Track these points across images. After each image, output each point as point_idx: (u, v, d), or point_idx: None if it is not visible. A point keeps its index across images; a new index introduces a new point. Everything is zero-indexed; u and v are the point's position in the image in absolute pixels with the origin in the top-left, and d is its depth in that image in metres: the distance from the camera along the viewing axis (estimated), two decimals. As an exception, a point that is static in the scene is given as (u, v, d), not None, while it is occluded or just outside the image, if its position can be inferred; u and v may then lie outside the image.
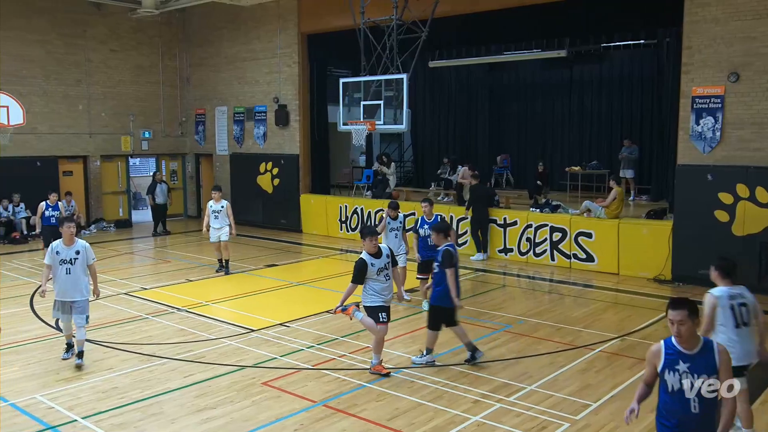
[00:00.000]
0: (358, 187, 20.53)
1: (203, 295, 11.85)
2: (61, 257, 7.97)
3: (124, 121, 21.16)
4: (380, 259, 7.69)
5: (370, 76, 15.27)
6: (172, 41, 22.15)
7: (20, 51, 18.70)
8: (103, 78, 20.56)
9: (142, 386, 7.50)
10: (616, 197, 13.56)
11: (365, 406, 6.92)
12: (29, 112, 17.31)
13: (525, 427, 6.38)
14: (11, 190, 18.31)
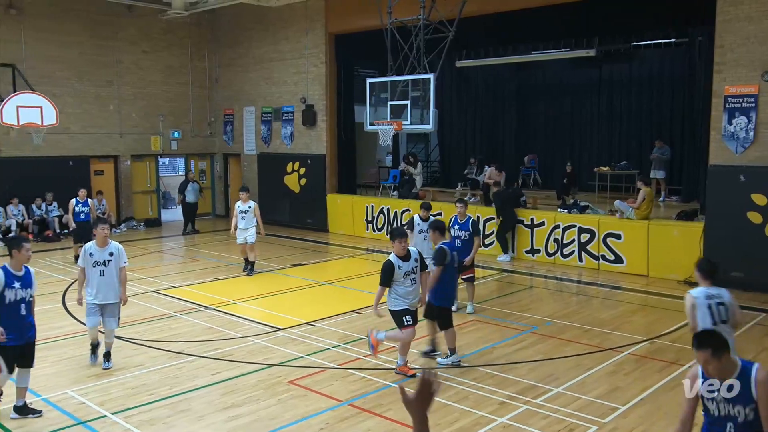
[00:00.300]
0: (385, 187, 20.52)
1: (231, 294, 11.95)
2: (94, 259, 7.87)
3: (154, 121, 21.43)
4: (408, 263, 7.54)
5: (397, 76, 15.25)
6: (201, 42, 22.38)
7: (54, 52, 19.05)
8: (133, 79, 20.85)
9: (170, 383, 7.59)
10: (646, 198, 13.38)
11: (390, 406, 6.91)
12: (62, 113, 17.62)
13: (552, 429, 6.33)
14: (44, 189, 18.67)
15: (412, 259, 7.61)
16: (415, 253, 7.72)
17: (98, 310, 7.92)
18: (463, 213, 10.54)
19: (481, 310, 10.72)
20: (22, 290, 6.52)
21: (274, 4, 19.16)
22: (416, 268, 7.62)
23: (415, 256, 7.67)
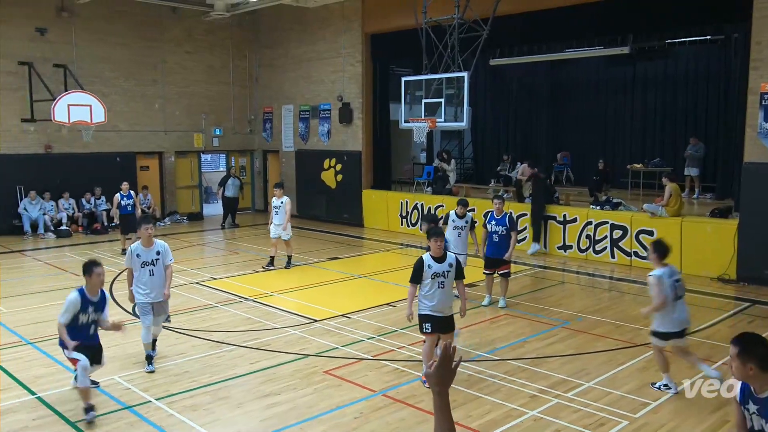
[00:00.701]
0: (419, 183, 20.49)
1: (269, 286, 12.07)
2: (142, 260, 7.70)
3: (196, 119, 21.73)
4: (440, 265, 7.03)
5: (432, 74, 15.21)
6: (242, 43, 22.60)
7: (103, 53, 19.45)
8: (177, 78, 21.16)
9: (211, 371, 7.71)
10: (672, 193, 13.12)
11: (423, 397, 6.92)
12: (110, 111, 17.99)
13: (582, 423, 6.26)
14: (93, 184, 19.10)
15: (447, 263, 7.06)
16: (453, 258, 7.19)
17: (151, 308, 7.78)
18: (500, 209, 10.41)
19: (513, 304, 10.64)
20: (94, 314, 6.60)
21: (312, 5, 19.25)
22: (448, 273, 7.04)
23: (451, 260, 7.13)
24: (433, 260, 7.04)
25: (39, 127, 18.16)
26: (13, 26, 17.78)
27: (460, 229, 10.45)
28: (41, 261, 14.83)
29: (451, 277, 7.08)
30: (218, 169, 26.02)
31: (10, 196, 18.02)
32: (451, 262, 7.09)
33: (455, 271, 7.10)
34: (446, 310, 7.11)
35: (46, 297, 11.28)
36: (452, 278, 7.10)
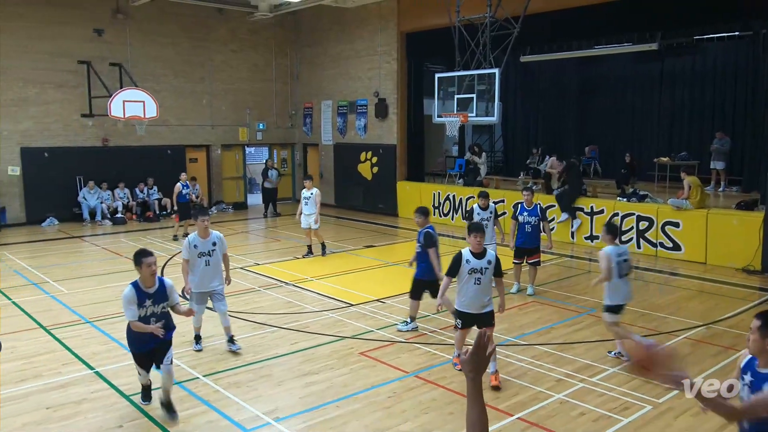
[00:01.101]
0: (451, 176, 20.38)
1: (308, 272, 12.16)
2: (199, 250, 7.53)
3: (241, 114, 21.95)
4: (478, 261, 6.64)
5: (464, 71, 15.10)
6: (284, 42, 22.71)
7: (156, 52, 19.75)
8: (223, 76, 21.38)
9: (254, 351, 7.81)
10: (692, 185, 12.82)
11: (453, 378, 6.91)
12: (161, 107, 18.27)
13: (607, 407, 6.18)
14: (146, 174, 19.46)
15: (485, 259, 6.67)
16: (492, 256, 6.76)
17: (204, 297, 7.69)
18: (530, 200, 10.36)
19: (541, 292, 10.54)
20: (154, 306, 5.89)
21: (351, 5, 19.23)
22: (486, 270, 6.65)
23: (491, 258, 6.71)
24: (471, 255, 6.69)
25: (97, 122, 18.56)
26: (73, 28, 18.16)
27: (486, 221, 10.30)
28: (98, 246, 15.20)
29: (488, 274, 6.69)
30: (261, 161, 26.26)
31: (71, 186, 18.49)
32: (490, 259, 6.71)
33: (494, 269, 6.74)
34: (480, 307, 6.73)
35: (102, 279, 11.57)
36: (490, 275, 6.72)
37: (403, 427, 5.81)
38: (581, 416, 6.01)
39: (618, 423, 5.86)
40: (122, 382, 6.85)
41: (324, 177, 22.22)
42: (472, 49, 15.00)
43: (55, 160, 18.10)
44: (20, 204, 17.90)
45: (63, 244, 15.40)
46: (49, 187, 18.05)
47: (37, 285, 11.18)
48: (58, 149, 18.19)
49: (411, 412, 6.12)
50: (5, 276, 11.86)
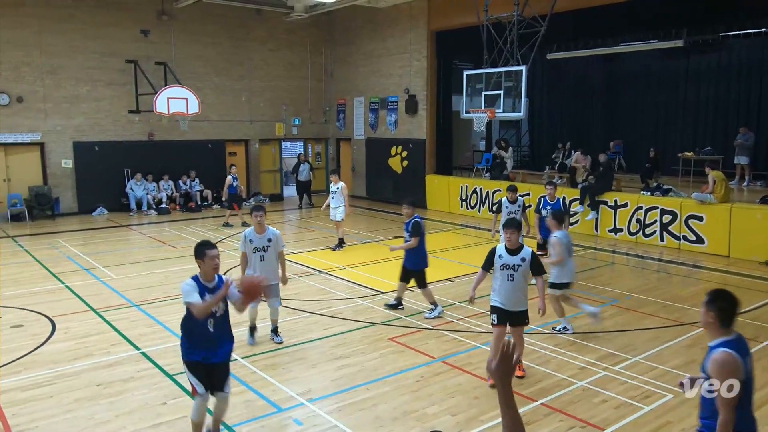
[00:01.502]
0: (478, 169, 20.25)
1: (341, 261, 12.22)
2: (254, 245, 7.30)
3: (278, 110, 22.09)
4: (512, 257, 6.23)
5: (492, 68, 14.95)
6: (318, 41, 22.76)
7: (198, 52, 19.98)
8: (261, 74, 21.53)
9: (289, 335, 7.89)
10: (716, 180, 12.50)
11: (479, 365, 6.89)
12: (203, 103, 18.48)
13: (629, 395, 6.10)
14: (188, 167, 19.75)
15: (519, 256, 6.24)
16: (528, 253, 6.28)
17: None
18: (553, 194, 10.36)
19: (564, 282, 10.41)
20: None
21: (383, 5, 19.17)
22: (519, 267, 6.21)
23: (526, 255, 6.25)
24: (505, 251, 6.28)
25: (143, 118, 18.88)
26: (122, 29, 18.47)
27: (514, 214, 10.26)
28: (144, 234, 15.49)
29: (522, 272, 6.22)
30: (296, 155, 26.41)
31: (119, 178, 18.87)
32: (524, 257, 6.23)
33: (529, 266, 6.25)
34: (514, 305, 6.26)
35: (148, 266, 11.81)
36: (524, 272, 6.24)
37: (429, 410, 5.82)
38: (603, 403, 5.94)
39: (639, 411, 5.77)
40: (166, 362, 6.98)
41: (356, 170, 22.27)
42: (499, 47, 14.84)
43: (105, 154, 18.48)
44: (73, 195, 18.34)
45: (112, 233, 15.74)
46: (99, 179, 18.45)
47: (88, 270, 11.46)
48: (107, 143, 18.56)
49: (438, 396, 6.12)
50: (59, 262, 12.18)
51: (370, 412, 5.79)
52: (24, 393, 6.21)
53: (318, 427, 5.53)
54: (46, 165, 17.89)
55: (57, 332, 8.04)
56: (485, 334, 7.86)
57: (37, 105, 17.42)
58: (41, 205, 17.46)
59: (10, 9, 16.72)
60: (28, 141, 17.50)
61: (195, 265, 5.15)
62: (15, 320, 8.51)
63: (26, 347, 7.47)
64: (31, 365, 6.93)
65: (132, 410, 5.83)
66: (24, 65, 17.12)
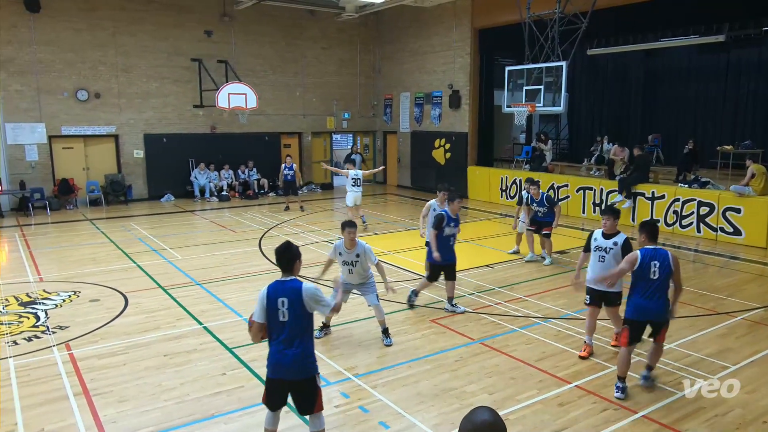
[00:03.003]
0: (518, 161, 19.93)
1: (387, 246, 12.25)
2: (343, 259, 6.87)
3: (329, 104, 22.22)
4: (605, 241, 6.33)
5: (533, 64, 14.64)
6: (367, 39, 22.73)
7: (256, 50, 20.24)
8: (314, 71, 21.67)
9: (337, 315, 7.94)
10: (755, 174, 11.93)
11: (516, 347, 6.83)
12: (261, 98, 18.77)
13: (662, 380, 5.94)
14: (247, 158, 20.10)
15: (612, 241, 6.30)
16: (623, 238, 6.29)
17: (347, 287, 6.92)
18: (537, 192, 10.58)
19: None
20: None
21: (429, 5, 18.99)
22: (610, 250, 6.27)
23: (619, 240, 6.29)
24: (601, 235, 6.40)
25: (206, 112, 19.29)
26: (187, 30, 18.87)
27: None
28: (207, 219, 15.88)
29: (613, 254, 6.25)
30: (346, 146, 26.58)
31: (184, 167, 19.37)
32: (617, 241, 6.28)
33: (621, 249, 6.22)
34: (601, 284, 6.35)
35: (210, 248, 12.10)
36: (615, 255, 6.23)
37: (468, 388, 5.80)
38: (636, 387, 5.80)
39: (672, 396, 5.61)
40: (226, 336, 7.17)
41: (401, 161, 22.23)
42: (540, 43, 14.50)
43: (172, 145, 18.98)
44: (143, 182, 18.94)
45: (178, 217, 16.19)
46: (167, 168, 18.99)
47: (156, 251, 11.84)
48: (174, 135, 19.06)
49: (476, 375, 6.10)
50: (131, 243, 12.63)
51: (412, 388, 5.81)
52: (100, 360, 6.49)
53: (363, 400, 5.59)
54: (120, 155, 18.52)
55: (129, 307, 8.36)
56: (522, 318, 7.78)
57: (112, 100, 18.01)
58: (116, 192, 18.12)
59: (87, 13, 17.30)
60: (104, 133, 18.14)
61: (253, 247, 5.18)
62: (93, 295, 8.88)
63: (102, 319, 7.80)
64: (107, 336, 7.23)
65: (195, 379, 6.02)
66: (101, 64, 17.71)
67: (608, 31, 16.63)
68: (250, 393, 5.70)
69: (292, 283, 4.37)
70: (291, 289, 4.32)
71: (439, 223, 7.96)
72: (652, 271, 5.50)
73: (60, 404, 5.49)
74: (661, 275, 5.50)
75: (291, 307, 4.28)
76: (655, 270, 5.50)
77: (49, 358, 6.54)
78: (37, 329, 7.43)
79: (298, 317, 4.29)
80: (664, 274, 5.51)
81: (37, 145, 17.08)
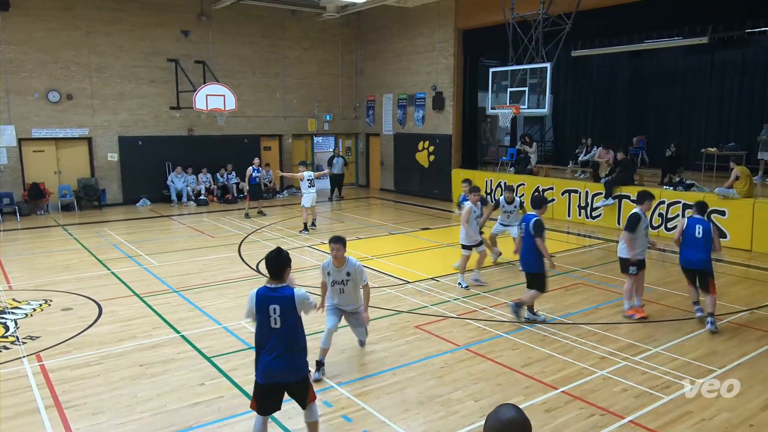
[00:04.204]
0: (503, 164, 20.07)
1: (370, 251, 12.24)
2: (332, 279, 6.37)
3: (310, 106, 22.18)
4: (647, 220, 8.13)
5: (517, 65, 14.76)
6: (349, 39, 22.75)
7: (235, 51, 20.15)
8: (295, 71, 21.62)
9: (319, 322, 7.87)
10: (740, 176, 12.15)
11: (502, 353, 6.86)
12: (240, 100, 18.68)
13: (649, 384, 6.00)
14: (225, 160, 19.98)
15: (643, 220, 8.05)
16: (646, 220, 8.11)
17: (338, 312, 6.53)
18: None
19: (587, 275, 10.30)
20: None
21: (411, 5, 19.06)
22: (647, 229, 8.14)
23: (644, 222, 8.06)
24: (645, 215, 8.06)
25: (183, 114, 19.14)
26: (164, 29, 18.72)
27: (509, 213, 10.88)
28: (184, 224, 15.74)
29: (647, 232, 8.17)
30: (328, 149, 26.53)
31: (161, 171, 19.19)
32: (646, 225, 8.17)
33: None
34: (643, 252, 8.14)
35: (188, 254, 12.00)
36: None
37: (454, 395, 5.81)
38: (623, 392, 5.86)
39: (659, 400, 5.67)
40: (204, 345, 7.10)
41: (384, 164, 22.25)
42: (524, 45, 14.63)
43: (147, 148, 18.80)
44: (118, 186, 18.72)
45: (154, 222, 16.03)
46: (142, 171, 18.79)
47: (132, 258, 11.70)
48: (149, 138, 18.88)
49: (462, 382, 6.11)
50: (105, 249, 12.46)
51: (397, 396, 5.81)
52: (73, 371, 6.38)
53: (347, 409, 5.57)
54: (94, 158, 18.29)
55: (103, 315, 8.24)
56: (508, 324, 7.82)
57: (85, 102, 17.79)
58: (89, 196, 17.87)
59: (61, 12, 17.08)
60: (77, 136, 17.90)
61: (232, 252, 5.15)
62: (65, 303, 8.75)
63: (75, 329, 7.68)
64: (80, 346, 7.12)
65: (172, 389, 5.95)
66: (74, 64, 17.49)
67: (593, 32, 16.84)
68: (229, 403, 5.65)
69: (284, 291, 4.42)
70: (283, 298, 4.39)
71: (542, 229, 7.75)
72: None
73: (31, 417, 5.39)
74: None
75: (283, 315, 4.37)
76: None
77: (18, 370, 6.41)
78: (6, 339, 7.29)
79: (291, 323, 4.43)
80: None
81: (6, 148, 16.81)
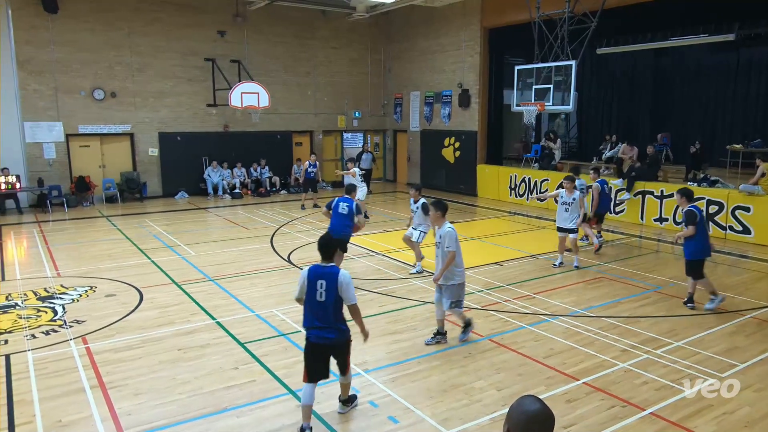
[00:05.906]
0: (527, 160, 19.84)
1: (396, 243, 12.22)
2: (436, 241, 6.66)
3: (340, 103, 22.24)
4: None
5: (542, 63, 14.56)
6: (377, 39, 22.71)
7: (268, 50, 20.30)
8: (325, 70, 21.69)
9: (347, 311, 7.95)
10: (765, 173, 11.79)
11: (524, 344, 6.81)
12: (273, 98, 18.84)
13: (670, 378, 5.89)
14: (259, 156, 20.19)
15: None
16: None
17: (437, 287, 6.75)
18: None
19: (609, 269, 10.14)
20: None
21: (438, 5, 18.94)
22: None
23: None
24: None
25: (219, 111, 19.38)
26: (201, 30, 18.96)
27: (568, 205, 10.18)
28: (220, 216, 15.97)
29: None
30: (357, 145, 26.56)
31: (198, 165, 19.48)
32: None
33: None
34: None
35: (223, 244, 12.17)
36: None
37: (476, 384, 5.80)
38: (644, 384, 5.77)
39: (679, 393, 5.57)
40: (238, 331, 7.21)
41: (411, 160, 22.21)
42: (550, 43, 14.43)
43: (185, 143, 19.10)
44: (158, 180, 19.07)
45: (191, 214, 16.29)
46: (181, 166, 19.11)
47: (171, 247, 11.92)
48: (187, 134, 19.17)
49: (484, 371, 6.09)
50: (146, 239, 12.72)
51: (421, 384, 5.82)
52: (116, 354, 6.55)
53: (373, 395, 5.60)
54: (135, 153, 18.66)
55: (144, 302, 8.43)
56: (531, 315, 7.76)
57: (127, 99, 18.14)
58: (131, 189, 18.25)
59: (103, 14, 17.43)
60: (120, 132, 18.28)
61: (265, 244, 5.23)
62: (109, 290, 8.97)
63: (118, 314, 7.87)
64: (122, 330, 7.30)
65: (208, 373, 6.06)
66: (116, 64, 17.84)
67: (617, 30, 16.49)
68: (262, 387, 5.73)
69: (332, 269, 4.88)
70: (330, 274, 4.85)
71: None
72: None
73: (76, 396, 5.55)
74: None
75: (328, 289, 4.84)
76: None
77: (66, 352, 6.61)
78: (54, 323, 7.52)
79: (333, 298, 4.87)
80: None
81: (55, 143, 17.26)
